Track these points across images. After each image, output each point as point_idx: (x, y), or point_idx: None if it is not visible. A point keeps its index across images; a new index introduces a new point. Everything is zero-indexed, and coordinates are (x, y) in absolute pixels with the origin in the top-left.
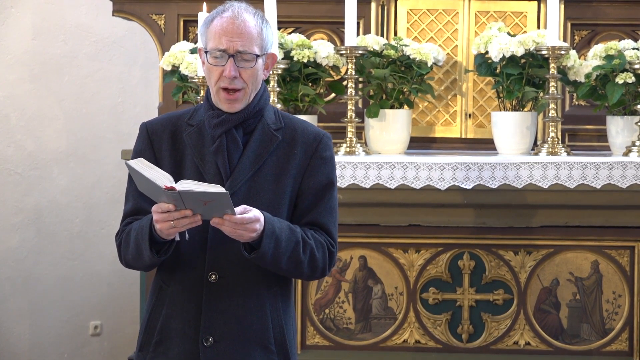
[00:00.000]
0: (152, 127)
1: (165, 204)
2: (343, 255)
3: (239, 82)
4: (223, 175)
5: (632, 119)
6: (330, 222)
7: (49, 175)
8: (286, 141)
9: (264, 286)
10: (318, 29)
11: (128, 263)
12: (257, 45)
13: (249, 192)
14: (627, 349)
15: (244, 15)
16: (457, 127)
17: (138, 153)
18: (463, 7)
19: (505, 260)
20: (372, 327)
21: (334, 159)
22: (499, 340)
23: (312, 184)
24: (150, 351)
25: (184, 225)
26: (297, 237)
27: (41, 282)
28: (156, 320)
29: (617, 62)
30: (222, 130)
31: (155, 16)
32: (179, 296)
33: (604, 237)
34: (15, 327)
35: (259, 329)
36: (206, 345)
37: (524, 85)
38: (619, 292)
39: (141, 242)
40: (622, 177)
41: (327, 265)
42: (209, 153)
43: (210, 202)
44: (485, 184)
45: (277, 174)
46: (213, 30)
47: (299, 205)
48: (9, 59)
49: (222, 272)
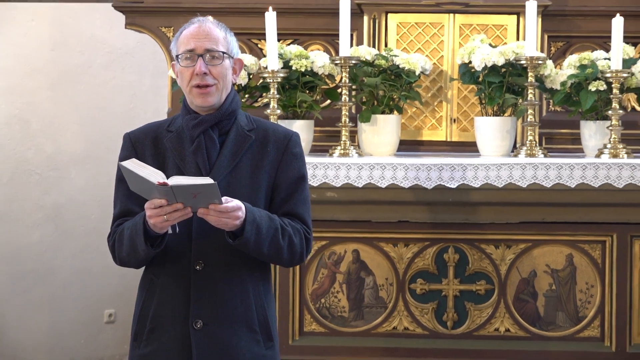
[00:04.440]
0: (134, 136)
1: (157, 199)
2: (337, 249)
3: (210, 78)
4: (203, 172)
5: (603, 123)
6: (305, 212)
7: (66, 176)
8: (259, 140)
9: (246, 272)
10: (314, 41)
11: (122, 261)
12: (223, 46)
13: (228, 186)
14: (599, 335)
15: (208, 23)
16: (443, 131)
17: (123, 160)
18: (448, 20)
19: (487, 254)
20: (364, 315)
21: (303, 155)
22: (481, 327)
23: (285, 178)
24: (144, 339)
25: (176, 218)
26: (275, 224)
27: (60, 273)
28: (148, 310)
29: (590, 71)
30: (200, 130)
31: (165, 29)
32: (169, 286)
33: (577, 232)
34: (36, 315)
35: (243, 312)
36: (196, 329)
37: (504, 93)
38: (591, 282)
39: (136, 237)
40: (595, 177)
41: (305, 250)
42: (189, 154)
43: (200, 194)
44: (468, 183)
45: (252, 170)
46: (182, 39)
47: (275, 197)
48: (30, 68)
49: (207, 261)
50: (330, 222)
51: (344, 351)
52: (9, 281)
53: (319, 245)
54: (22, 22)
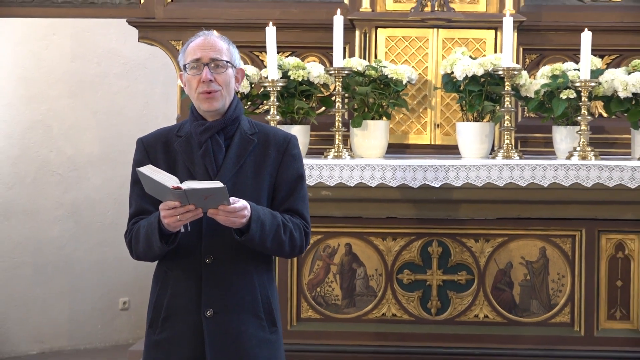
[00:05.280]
0: (147, 141)
1: (171, 201)
2: (331, 243)
3: (215, 85)
4: (211, 173)
5: (573, 128)
6: (304, 208)
7: (85, 176)
8: (261, 143)
9: (252, 265)
10: (311, 53)
11: (139, 256)
12: (226, 56)
13: (233, 186)
14: (569, 321)
15: (213, 35)
16: (428, 135)
17: (137, 163)
18: (432, 34)
19: (467, 247)
20: (356, 302)
21: (301, 156)
22: (462, 313)
23: (286, 178)
24: (159, 326)
25: (188, 218)
26: (278, 221)
27: (78, 265)
28: (162, 299)
29: (561, 81)
30: (207, 136)
31: (174, 42)
32: (181, 278)
33: (550, 227)
34: (57, 303)
35: (250, 300)
36: (207, 317)
37: (483, 100)
38: (562, 273)
39: (151, 235)
40: (565, 177)
41: (304, 243)
42: (198, 157)
43: (210, 197)
44: (451, 183)
45: (255, 170)
46: (189, 50)
47: (276, 195)
48: (51, 78)
49: (216, 255)
50: (325, 218)
51: (337, 336)
52: (32, 272)
53: (315, 240)
54: (44, 36)
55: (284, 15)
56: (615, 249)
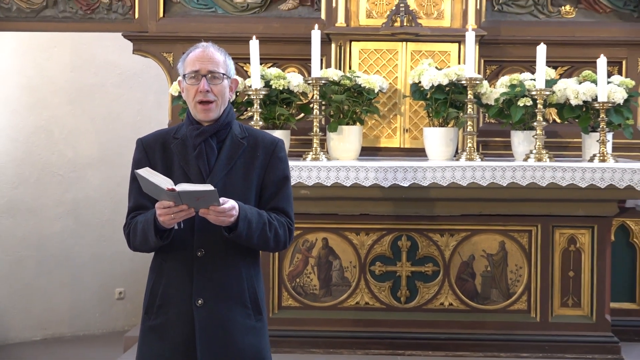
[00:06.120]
0: (146, 141)
1: (166, 201)
2: (310, 238)
3: (211, 95)
4: (204, 174)
5: (530, 133)
6: (289, 207)
7: (84, 176)
8: (250, 146)
9: (240, 258)
10: (291, 64)
11: (136, 248)
12: (222, 68)
13: (224, 186)
14: (526, 308)
15: (211, 48)
16: (397, 139)
17: (137, 161)
18: (401, 47)
19: (433, 241)
20: (332, 292)
21: (287, 158)
22: (429, 302)
23: (272, 178)
24: (154, 313)
25: (181, 216)
26: (264, 219)
27: (78, 258)
28: (157, 288)
29: (519, 90)
30: (201, 139)
31: (166, 54)
32: (175, 269)
33: (508, 223)
34: (58, 293)
35: (237, 291)
36: (198, 306)
37: (448, 107)
38: (520, 264)
39: (147, 231)
40: (523, 177)
41: (288, 239)
42: (192, 158)
43: (202, 198)
44: (418, 182)
45: (244, 171)
46: (189, 60)
47: (263, 195)
48: (53, 86)
49: (207, 249)
50: (304, 215)
51: (315, 322)
52: (35, 265)
53: (295, 235)
54: (46, 48)
55: (267, 29)
56: (568, 243)
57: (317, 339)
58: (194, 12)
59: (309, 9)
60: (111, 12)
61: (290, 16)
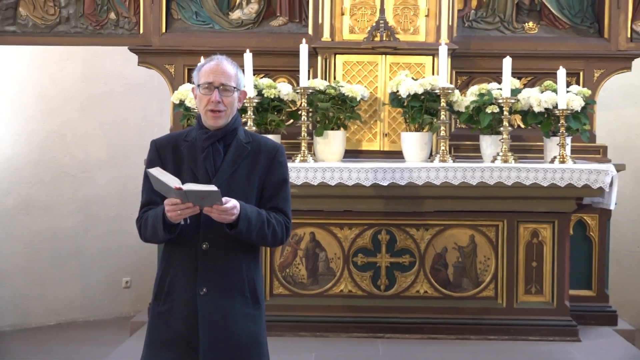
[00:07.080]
0: (159, 142)
1: (174, 199)
2: (298, 232)
3: (222, 106)
4: (210, 174)
5: (497, 137)
6: (286, 207)
7: (93, 176)
8: (253, 151)
9: (241, 252)
10: (281, 75)
11: (147, 239)
12: (234, 82)
13: (228, 186)
14: (493, 295)
15: (224, 61)
16: (377, 143)
17: (150, 161)
18: (381, 60)
19: (410, 235)
20: (319, 281)
21: (286, 162)
22: (406, 290)
23: (272, 180)
24: (162, 299)
25: (187, 213)
26: (263, 218)
27: (88, 251)
28: (166, 277)
29: (487, 98)
30: (209, 143)
31: (168, 65)
32: (182, 260)
33: (478, 218)
34: (70, 283)
35: (237, 282)
36: (201, 294)
37: (423, 114)
38: (488, 256)
39: (157, 225)
40: (490, 177)
41: (284, 236)
42: (200, 160)
43: (206, 197)
44: (396, 182)
45: (247, 173)
46: (203, 71)
47: (264, 195)
48: (66, 95)
49: (211, 243)
50: (293, 211)
51: (303, 308)
52: (49, 257)
53: None
54: (59, 61)
55: (259, 43)
56: (531, 236)
57: (305, 324)
58: (193, 28)
59: (297, 25)
60: (118, 28)
61: (280, 32)
